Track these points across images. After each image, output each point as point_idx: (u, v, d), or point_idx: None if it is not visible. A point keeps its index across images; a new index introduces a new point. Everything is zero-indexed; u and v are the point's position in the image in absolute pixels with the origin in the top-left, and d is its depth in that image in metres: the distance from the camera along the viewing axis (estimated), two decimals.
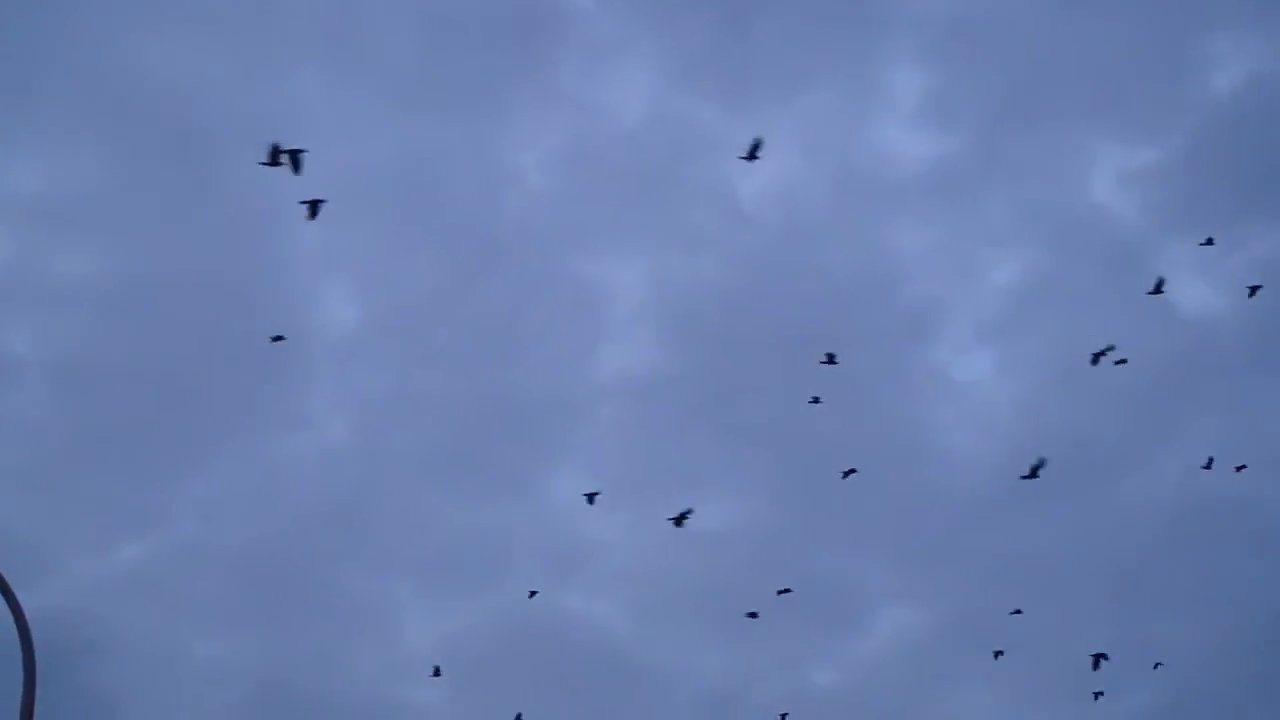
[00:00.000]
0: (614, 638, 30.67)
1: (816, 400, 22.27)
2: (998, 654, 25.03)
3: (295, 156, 16.24)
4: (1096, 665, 23.97)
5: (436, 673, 24.97)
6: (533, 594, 25.37)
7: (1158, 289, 21.68)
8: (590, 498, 23.49)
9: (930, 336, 30.99)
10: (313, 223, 32.58)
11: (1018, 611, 25.26)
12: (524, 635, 30.64)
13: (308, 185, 16.68)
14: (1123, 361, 21.57)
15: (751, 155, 19.25)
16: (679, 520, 21.04)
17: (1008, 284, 30.82)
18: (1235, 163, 29.81)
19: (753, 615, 23.62)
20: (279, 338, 21.49)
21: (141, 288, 30.98)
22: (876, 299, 30.86)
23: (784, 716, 24.58)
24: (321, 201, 18.11)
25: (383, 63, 31.03)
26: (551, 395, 31.28)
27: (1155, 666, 25.80)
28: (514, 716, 25.59)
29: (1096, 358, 21.47)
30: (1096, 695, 24.21)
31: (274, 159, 16.25)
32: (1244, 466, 23.95)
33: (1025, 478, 20.69)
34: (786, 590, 22.89)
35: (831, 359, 21.95)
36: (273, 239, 31.48)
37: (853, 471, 23.38)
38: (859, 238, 31.10)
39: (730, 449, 31.07)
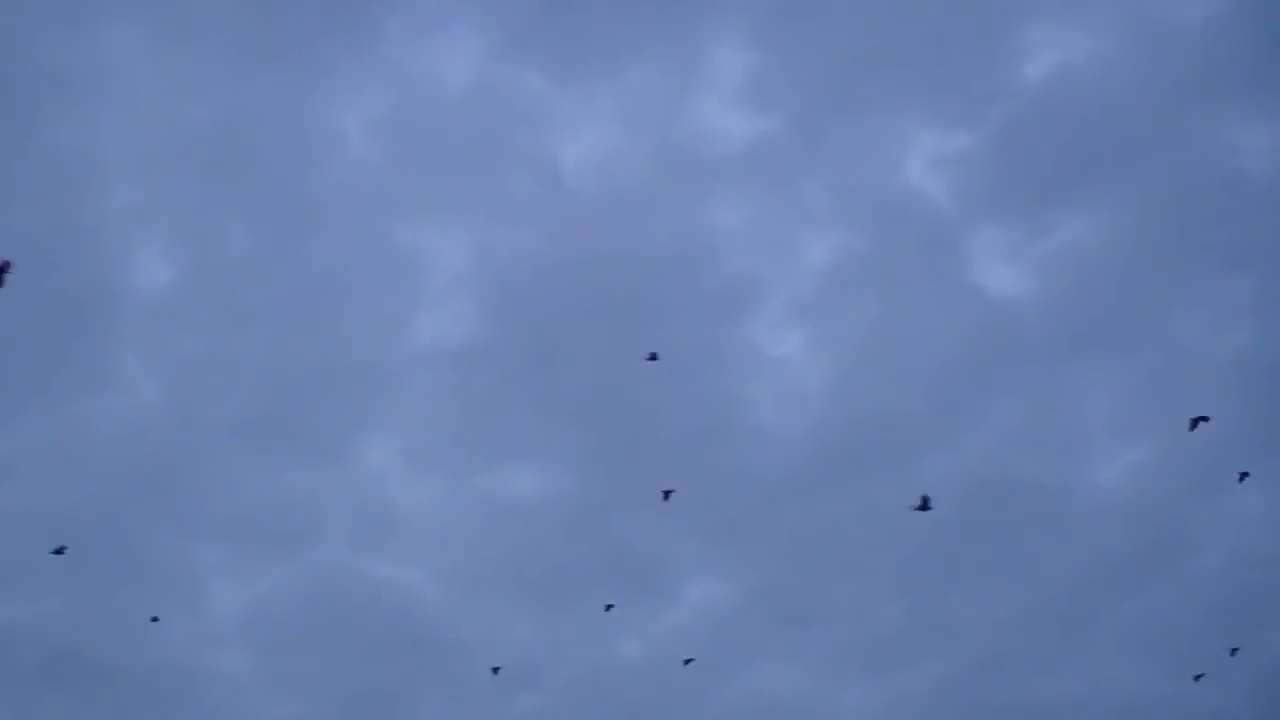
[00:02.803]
0: (422, 606, 30.59)
1: (654, 357, 22.13)
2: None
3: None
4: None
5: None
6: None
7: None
8: None
9: (745, 313, 31.37)
10: (127, 180, 32.11)
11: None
12: (332, 603, 30.50)
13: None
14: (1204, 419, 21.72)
15: (924, 507, 19.43)
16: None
17: (822, 263, 31.26)
18: (1045, 150, 30.62)
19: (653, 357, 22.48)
20: None
21: None
22: (693, 274, 31.13)
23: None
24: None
25: (203, 20, 30.27)
26: (366, 362, 31.05)
27: None
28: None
29: (1195, 424, 21.63)
30: None
31: None
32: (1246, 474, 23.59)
33: (917, 509, 20.42)
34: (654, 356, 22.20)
35: (654, 357, 22.05)
36: (84, 196, 30.61)
37: (671, 492, 23.60)
38: (678, 212, 31.32)
39: (545, 420, 31.15)
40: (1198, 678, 25.81)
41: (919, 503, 20.33)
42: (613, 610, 26.25)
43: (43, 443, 30.11)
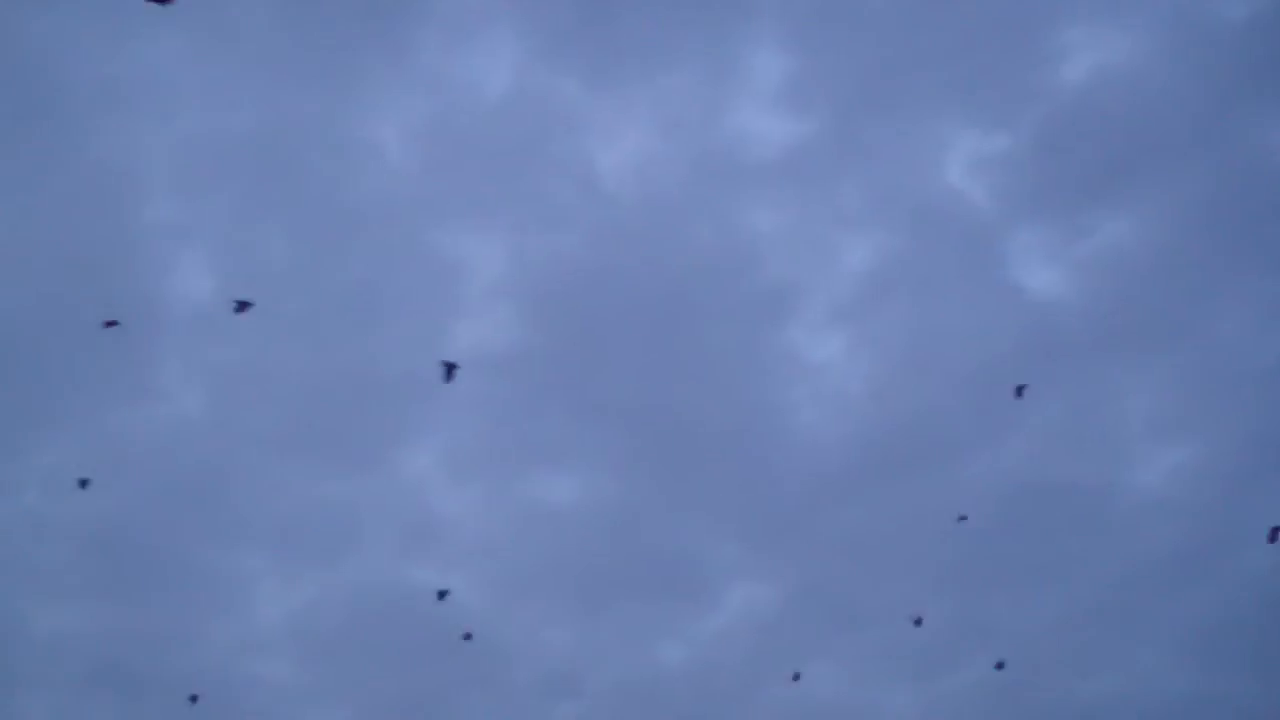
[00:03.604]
0: (464, 612, 30.64)
1: None
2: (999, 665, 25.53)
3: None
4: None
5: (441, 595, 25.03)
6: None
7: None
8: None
9: (784, 316, 31.31)
10: (168, 192, 32.25)
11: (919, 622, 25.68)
12: (374, 610, 30.63)
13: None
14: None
15: None
16: None
17: (862, 266, 31.21)
18: (1084, 150, 30.45)
19: None
20: (112, 323, 20.94)
21: None
22: (732, 278, 31.12)
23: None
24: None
25: (241, 32, 30.35)
26: (406, 369, 31.04)
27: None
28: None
29: (1274, 534, 21.45)
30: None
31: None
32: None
33: None
34: None
35: None
36: (125, 208, 30.79)
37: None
38: (716, 217, 31.31)
39: (585, 425, 31.20)
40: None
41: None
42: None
43: (86, 454, 30.21)
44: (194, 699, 24.02)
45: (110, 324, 21.06)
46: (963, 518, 24.78)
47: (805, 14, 30.16)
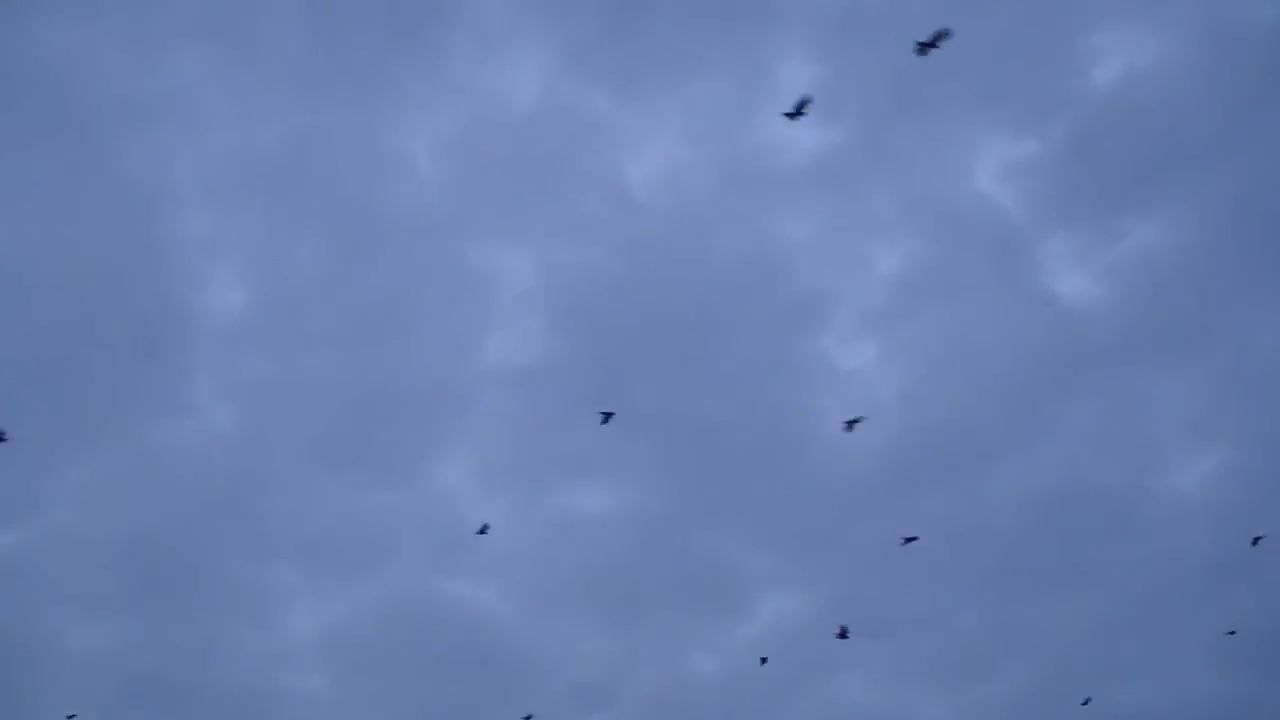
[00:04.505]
0: (496, 624, 30.68)
1: None
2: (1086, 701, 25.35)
3: None
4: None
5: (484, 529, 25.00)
6: None
7: None
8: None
9: (815, 325, 31.31)
10: (199, 206, 32.24)
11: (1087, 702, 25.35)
12: (407, 622, 30.62)
13: None
14: None
15: (797, 112, 18.81)
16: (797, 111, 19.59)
17: (892, 273, 31.17)
18: (1114, 155, 30.38)
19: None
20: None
21: (20, 270, 30.23)
22: (763, 287, 31.09)
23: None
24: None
25: (271, 46, 30.43)
26: (437, 381, 31.15)
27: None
28: None
29: None
30: None
31: None
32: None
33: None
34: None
35: None
36: (156, 223, 30.88)
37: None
38: (746, 227, 31.29)
39: (616, 435, 31.01)
40: None
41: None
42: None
43: (120, 469, 30.38)
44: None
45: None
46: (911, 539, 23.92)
47: (833, 22, 30.16)
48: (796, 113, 18.76)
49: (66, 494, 30.19)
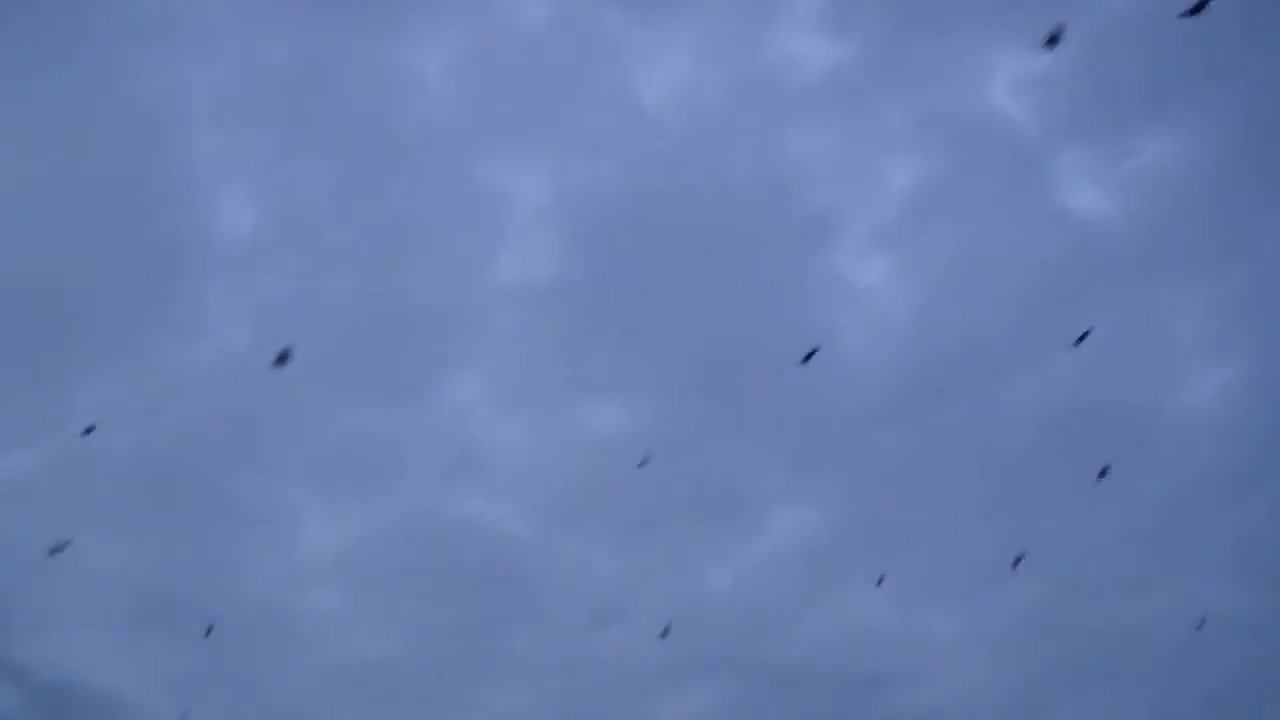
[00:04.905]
0: (510, 542, 30.77)
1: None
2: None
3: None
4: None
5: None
6: None
7: None
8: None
9: (828, 241, 31.18)
10: (209, 126, 32.12)
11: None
12: (420, 540, 30.72)
13: None
14: None
15: (1053, 41, 18.53)
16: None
17: (905, 189, 30.98)
18: (1130, 69, 30.11)
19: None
20: None
21: (28, 192, 30.19)
22: (776, 203, 30.91)
23: None
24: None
25: None
26: (450, 300, 31.13)
27: None
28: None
29: None
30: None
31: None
32: None
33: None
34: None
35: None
36: (166, 144, 30.79)
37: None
38: (758, 143, 31.07)
39: (629, 353, 31.14)
40: None
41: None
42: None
43: (132, 390, 30.36)
44: (209, 631, 23.97)
45: None
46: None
47: None
48: (1053, 41, 18.45)
49: (79, 415, 30.15)
